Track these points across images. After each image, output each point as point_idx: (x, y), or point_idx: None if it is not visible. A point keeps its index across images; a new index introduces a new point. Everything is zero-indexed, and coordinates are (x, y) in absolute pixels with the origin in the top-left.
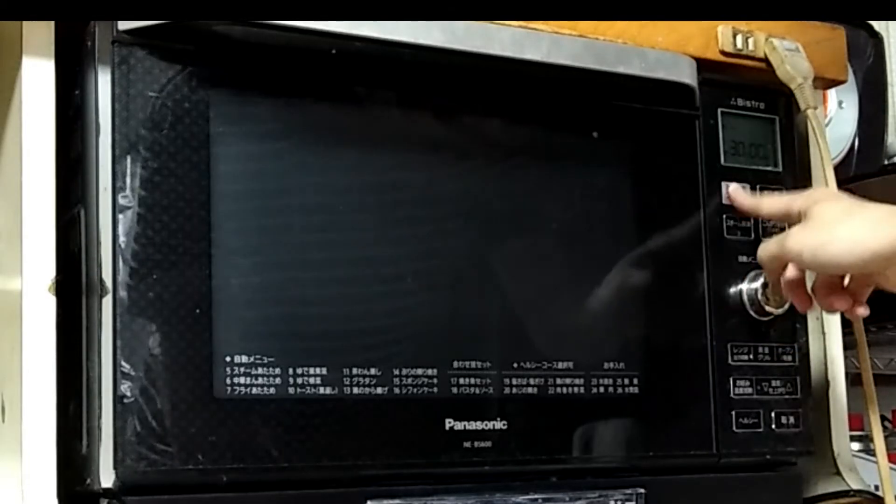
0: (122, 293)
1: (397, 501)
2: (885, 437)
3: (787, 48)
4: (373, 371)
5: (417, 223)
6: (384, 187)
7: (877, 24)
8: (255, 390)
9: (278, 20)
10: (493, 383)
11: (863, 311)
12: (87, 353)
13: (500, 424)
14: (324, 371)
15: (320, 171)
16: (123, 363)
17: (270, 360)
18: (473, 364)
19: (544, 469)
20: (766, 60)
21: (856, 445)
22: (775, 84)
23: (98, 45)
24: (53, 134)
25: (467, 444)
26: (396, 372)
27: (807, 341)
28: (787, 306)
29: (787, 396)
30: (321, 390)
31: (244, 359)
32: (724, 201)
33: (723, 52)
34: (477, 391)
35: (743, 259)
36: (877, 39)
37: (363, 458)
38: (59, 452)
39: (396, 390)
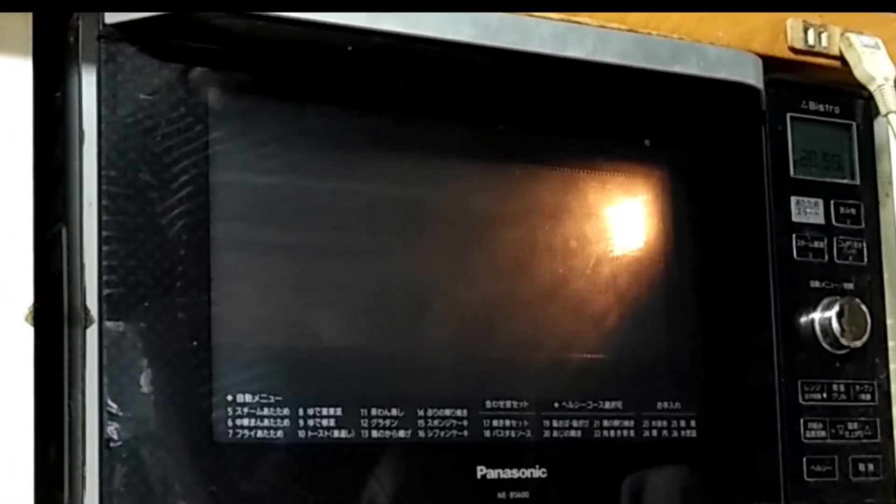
0: (109, 323)
1: None
2: None
3: (865, 44)
4: (394, 411)
5: (444, 243)
6: (407, 203)
7: None
8: (260, 433)
9: (287, 12)
10: (531, 425)
11: None
12: (70, 390)
13: (538, 472)
14: (338, 411)
15: (334, 185)
16: (110, 403)
17: (278, 399)
18: (509, 403)
19: None
20: (841, 58)
21: None
22: (852, 85)
23: (82, 41)
24: (31, 142)
25: (502, 495)
26: (421, 412)
27: (888, 378)
28: (865, 338)
29: (865, 440)
30: (336, 433)
31: (248, 398)
32: (795, 218)
33: (792, 49)
34: (513, 434)
35: (815, 284)
36: None
37: None
38: (38, 503)
39: (421, 433)
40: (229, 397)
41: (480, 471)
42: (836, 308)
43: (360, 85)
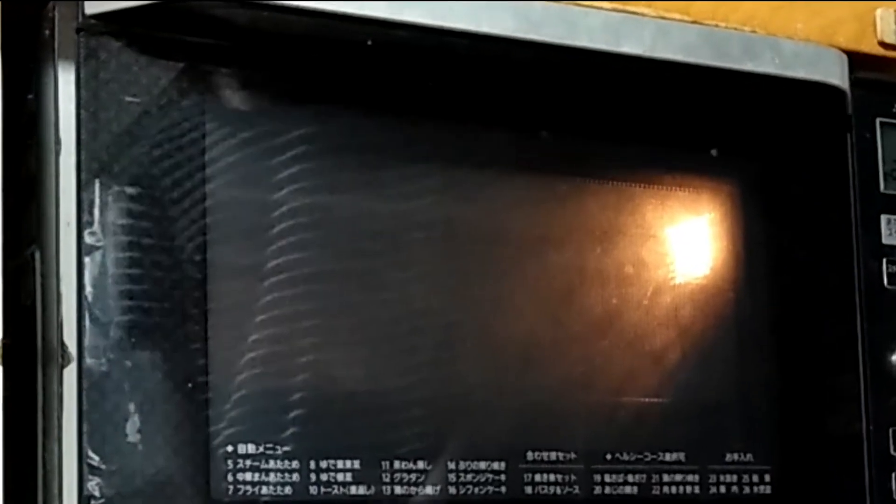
0: (90, 361)
1: None
2: None
3: None
4: (420, 464)
5: (479, 269)
6: (435, 223)
7: None
8: (265, 490)
9: (296, 2)
10: (580, 480)
11: None
12: (44, 439)
13: None
14: (356, 464)
15: (352, 203)
16: (91, 454)
17: (286, 450)
18: (553, 455)
19: None
20: None
21: None
22: None
23: (58, 35)
24: None
25: None
26: (452, 465)
27: None
28: None
29: None
30: (353, 489)
31: (251, 448)
32: (886, 240)
33: (882, 44)
34: (558, 491)
35: None
36: None
37: None
38: None
39: (452, 489)
40: (229, 448)
41: None
42: None
43: (382, 86)
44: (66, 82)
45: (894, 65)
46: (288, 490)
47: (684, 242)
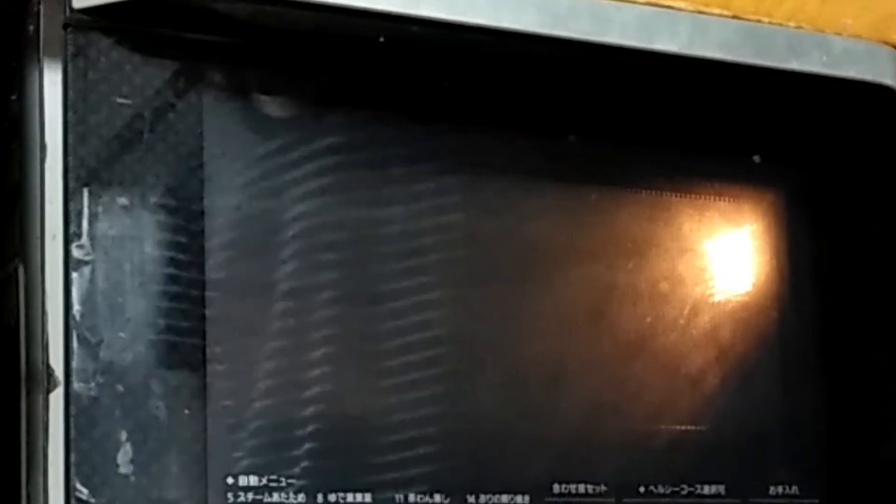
0: (78, 385)
1: None
2: None
3: None
4: (437, 497)
5: (500, 285)
6: (451, 234)
7: None
8: None
9: None
10: None
11: None
12: (28, 471)
13: None
14: (367, 497)
15: (361, 213)
16: (79, 487)
17: (292, 482)
18: (582, 487)
19: None
20: None
21: None
22: None
23: (44, 31)
24: None
25: None
26: (472, 499)
27: None
28: None
29: None
30: None
31: (253, 480)
32: None
33: None
34: None
35: None
36: None
37: None
38: None
39: None
40: (230, 480)
41: None
42: None
43: (394, 86)
44: (51, 83)
45: None
46: None
47: (724, 256)
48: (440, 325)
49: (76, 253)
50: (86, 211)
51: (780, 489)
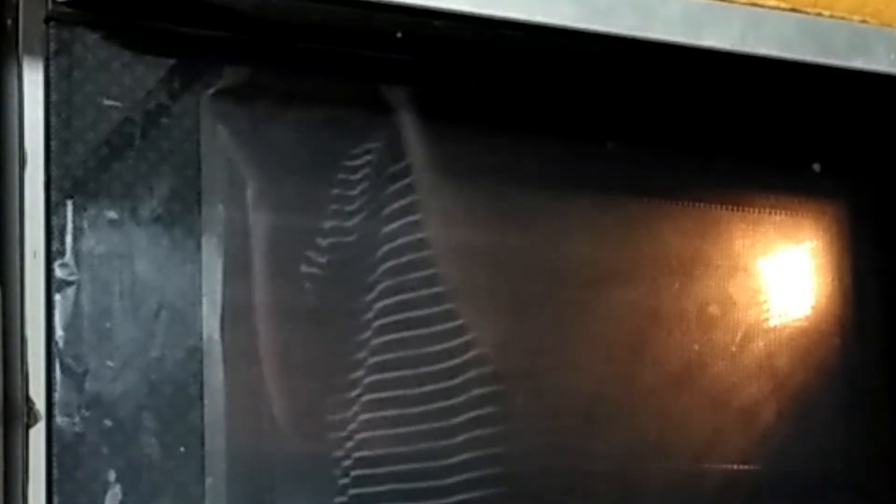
0: (62, 420)
1: None
2: None
3: None
4: None
5: (530, 307)
6: (477, 249)
7: None
8: None
9: None
10: None
11: None
12: None
13: None
14: None
15: (373, 227)
16: None
17: None
18: None
19: None
20: None
21: None
22: None
23: (23, 24)
24: None
25: None
26: None
27: None
28: None
29: None
30: None
31: None
32: None
33: None
34: None
35: None
36: None
37: None
38: None
39: None
40: None
41: None
42: None
43: (413, 86)
44: (32, 83)
45: None
46: None
47: (780, 277)
48: (462, 353)
49: (59, 272)
50: (70, 226)
51: None
